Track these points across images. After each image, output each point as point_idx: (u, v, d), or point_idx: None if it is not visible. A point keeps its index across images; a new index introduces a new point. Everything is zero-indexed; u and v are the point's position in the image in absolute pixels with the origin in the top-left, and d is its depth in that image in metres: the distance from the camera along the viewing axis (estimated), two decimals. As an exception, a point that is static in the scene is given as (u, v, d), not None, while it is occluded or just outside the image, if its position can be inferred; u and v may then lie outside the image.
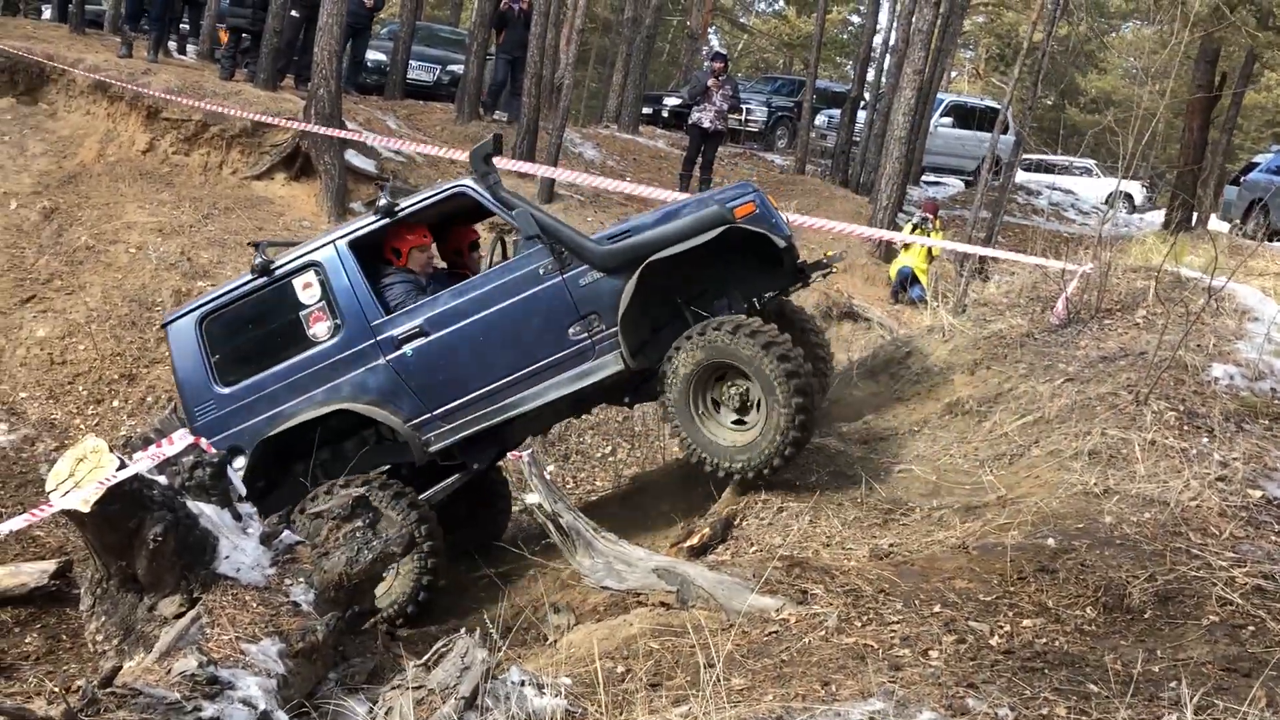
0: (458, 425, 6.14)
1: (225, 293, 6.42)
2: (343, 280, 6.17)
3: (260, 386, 6.23)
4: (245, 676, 3.85)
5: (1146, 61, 8.08)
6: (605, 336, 6.01)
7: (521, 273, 6.07)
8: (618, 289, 5.95)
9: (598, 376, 6.06)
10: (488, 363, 6.08)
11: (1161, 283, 6.87)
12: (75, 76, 12.22)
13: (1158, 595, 4.28)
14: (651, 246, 5.96)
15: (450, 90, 16.99)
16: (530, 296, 6.02)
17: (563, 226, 6.16)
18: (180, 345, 6.38)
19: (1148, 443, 5.42)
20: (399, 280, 6.32)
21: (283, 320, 6.29)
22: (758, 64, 39.39)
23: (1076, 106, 35.33)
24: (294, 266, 6.27)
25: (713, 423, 5.93)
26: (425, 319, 6.11)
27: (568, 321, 6.02)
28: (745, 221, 6.03)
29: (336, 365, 6.17)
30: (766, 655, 4.08)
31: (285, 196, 12.06)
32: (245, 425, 6.22)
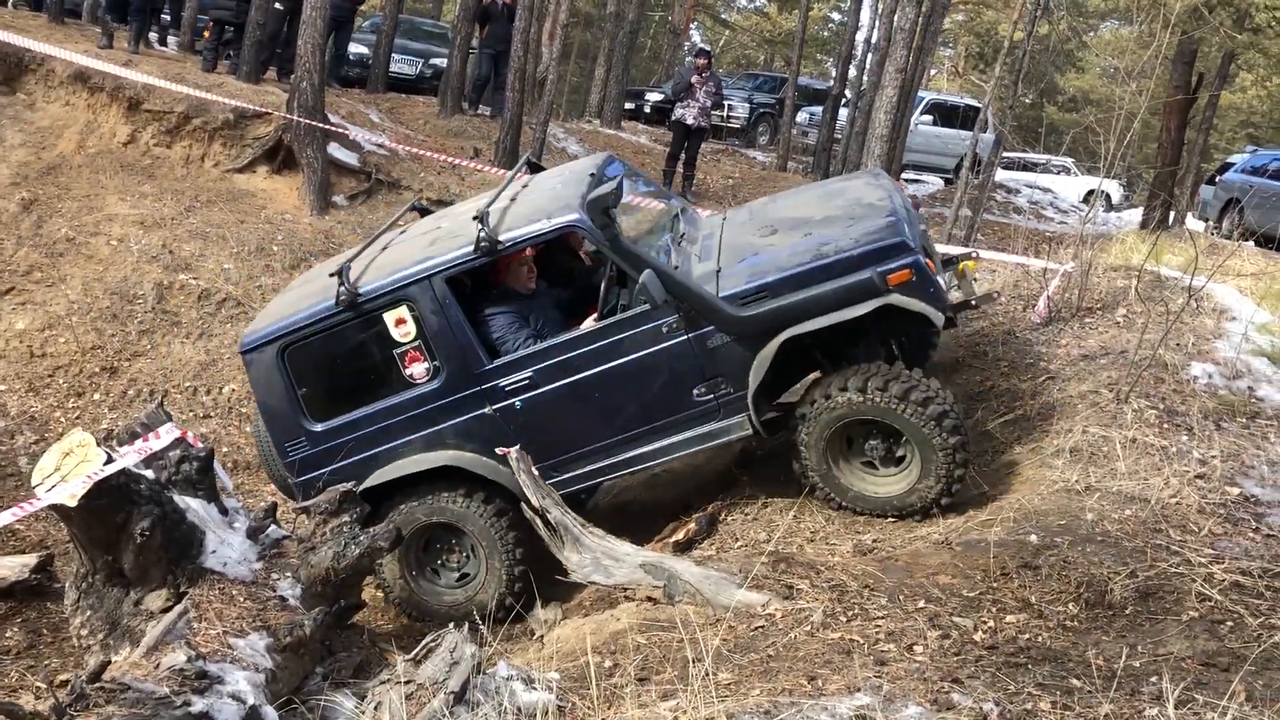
0: (569, 479, 5.79)
1: (309, 321, 5.78)
2: (440, 320, 5.63)
3: (355, 426, 5.81)
4: (233, 671, 3.86)
5: (1126, 62, 8.17)
6: (731, 400, 5.59)
7: (642, 328, 5.56)
8: (749, 356, 5.49)
9: (725, 439, 5.71)
10: (603, 419, 5.70)
11: (1142, 282, 6.94)
12: (55, 66, 12.11)
13: (1138, 591, 4.34)
14: (791, 317, 5.43)
15: (433, 84, 16.94)
16: (651, 354, 5.56)
17: (691, 286, 5.55)
18: (262, 375, 5.89)
19: (1128, 440, 5.49)
20: (499, 313, 5.82)
21: (376, 357, 5.78)
22: (739, 60, 39.44)
23: (1055, 105, 35.56)
24: (385, 300, 5.66)
25: (858, 475, 5.58)
26: (535, 370, 5.64)
27: (692, 382, 5.59)
28: (900, 292, 5.40)
29: (437, 411, 5.73)
30: (753, 650, 4.11)
31: (267, 190, 12.00)
32: (342, 465, 5.81)
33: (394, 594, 5.97)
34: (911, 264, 5.43)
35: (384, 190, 12.52)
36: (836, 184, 7.10)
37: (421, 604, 5.95)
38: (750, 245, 5.95)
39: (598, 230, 5.50)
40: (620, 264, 5.55)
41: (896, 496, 5.46)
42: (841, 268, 5.46)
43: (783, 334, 5.42)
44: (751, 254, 5.82)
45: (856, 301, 5.39)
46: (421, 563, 5.97)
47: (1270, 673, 3.70)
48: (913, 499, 5.41)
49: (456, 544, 5.95)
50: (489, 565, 5.80)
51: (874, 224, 5.72)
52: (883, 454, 5.52)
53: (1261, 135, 28.52)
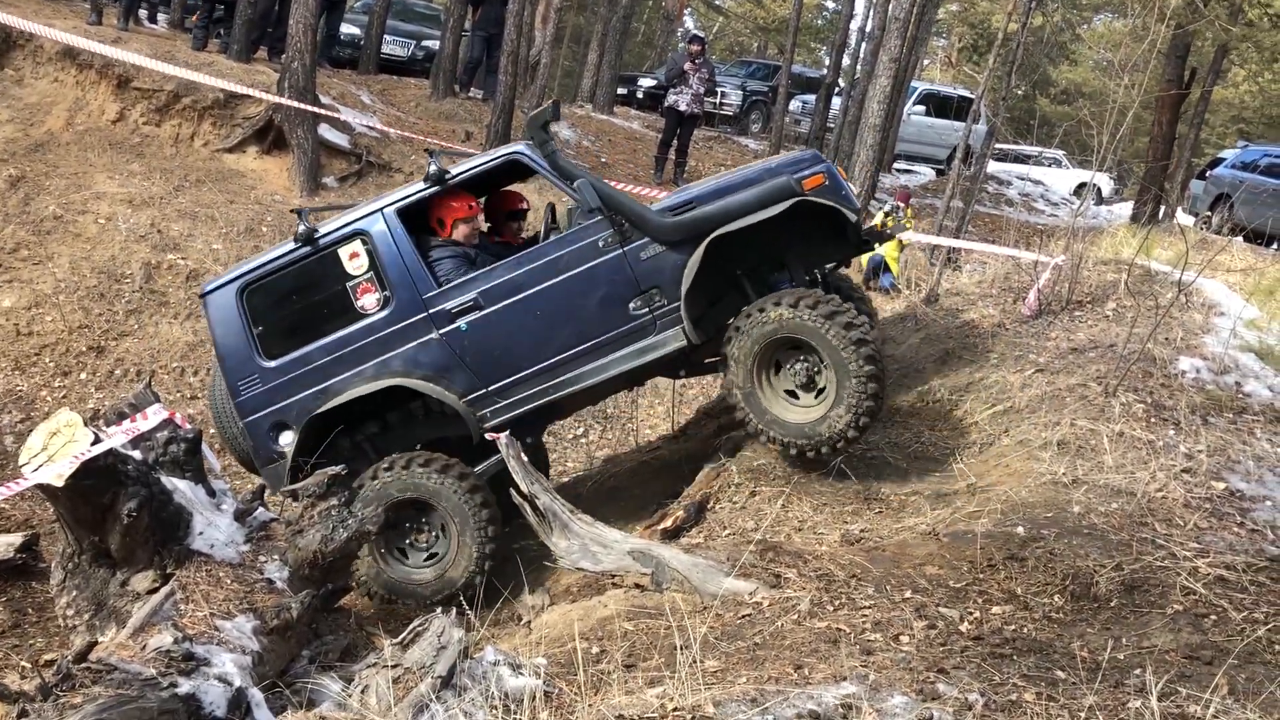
0: (515, 401, 5.94)
1: (267, 261, 6.10)
2: (392, 250, 5.92)
3: (307, 360, 5.98)
4: (220, 653, 3.85)
5: (1120, 55, 8.16)
6: (666, 311, 5.82)
7: (580, 245, 5.84)
8: (681, 263, 5.75)
9: (660, 353, 5.88)
10: (546, 337, 5.89)
11: (1131, 276, 6.96)
12: (43, 43, 12.00)
13: (1124, 584, 4.37)
14: (717, 220, 5.74)
15: (425, 66, 16.86)
16: (589, 269, 5.82)
17: (624, 198, 5.92)
18: (220, 315, 6.07)
19: (1116, 434, 5.52)
20: (448, 254, 6.07)
21: (329, 291, 6.03)
22: (732, 47, 39.31)
23: (1047, 97, 35.56)
24: (340, 235, 5.99)
25: (780, 401, 5.76)
26: (479, 292, 5.89)
27: (629, 296, 5.83)
28: (815, 194, 5.80)
29: (387, 339, 5.93)
30: (740, 638, 4.12)
31: (257, 170, 11.93)
32: (292, 400, 5.98)
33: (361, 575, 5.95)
34: (824, 170, 5.94)
35: (374, 172, 12.47)
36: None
37: (391, 584, 5.95)
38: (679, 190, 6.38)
39: (538, 153, 5.84)
40: (556, 179, 5.86)
41: (809, 424, 5.62)
42: (762, 176, 5.97)
43: (712, 234, 5.70)
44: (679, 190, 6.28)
45: (775, 201, 5.75)
46: (390, 542, 5.98)
47: (1253, 666, 3.73)
48: (822, 428, 5.57)
49: (426, 522, 5.97)
50: (460, 542, 5.82)
51: (790, 156, 6.42)
52: (804, 381, 5.72)
53: (1252, 130, 28.60)
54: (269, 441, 6.03)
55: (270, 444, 6.03)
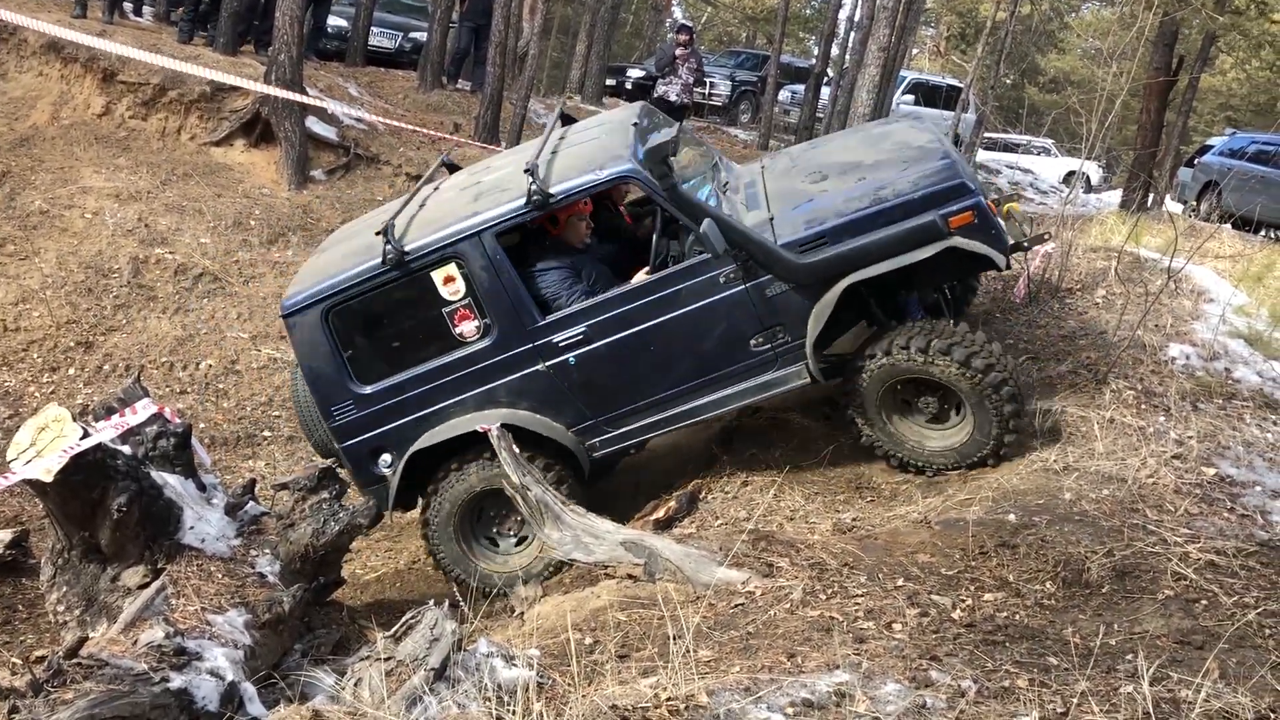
0: (625, 432, 5.75)
1: (353, 281, 5.64)
2: (490, 277, 5.52)
3: (404, 388, 5.70)
4: (212, 647, 3.84)
5: (1109, 43, 8.17)
6: (790, 348, 5.53)
7: (699, 280, 5.48)
8: (808, 303, 5.43)
9: (782, 389, 5.65)
10: (660, 372, 5.63)
11: (1121, 263, 6.97)
12: (27, 35, 11.92)
13: (1115, 570, 4.38)
14: (853, 263, 5.35)
15: (412, 58, 16.78)
16: (709, 305, 5.48)
17: (751, 235, 5.46)
18: (306, 337, 5.72)
19: (1106, 420, 5.53)
20: (552, 269, 5.72)
21: (424, 316, 5.66)
22: (721, 37, 39.26)
23: (1036, 86, 35.61)
24: (433, 258, 5.54)
25: (913, 430, 5.60)
26: (589, 325, 5.56)
27: (750, 332, 5.53)
28: (962, 234, 5.31)
29: (489, 369, 5.64)
30: (733, 627, 4.12)
31: (245, 163, 11.87)
32: (390, 427, 5.75)
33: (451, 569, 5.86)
34: (973, 205, 5.36)
35: (363, 165, 12.42)
36: (878, 128, 7.01)
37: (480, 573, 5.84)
38: (801, 192, 5.83)
39: (654, 180, 5.41)
40: (678, 215, 5.47)
41: (948, 449, 5.50)
42: (903, 211, 5.38)
43: (845, 280, 5.35)
44: (805, 200, 5.71)
45: (919, 245, 5.31)
46: (476, 532, 5.91)
47: (1244, 650, 3.74)
48: (960, 453, 5.46)
49: (508, 511, 5.84)
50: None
51: (930, 166, 5.64)
52: (936, 411, 5.55)
53: (1240, 118, 28.67)
54: (369, 465, 5.82)
55: (370, 468, 5.82)
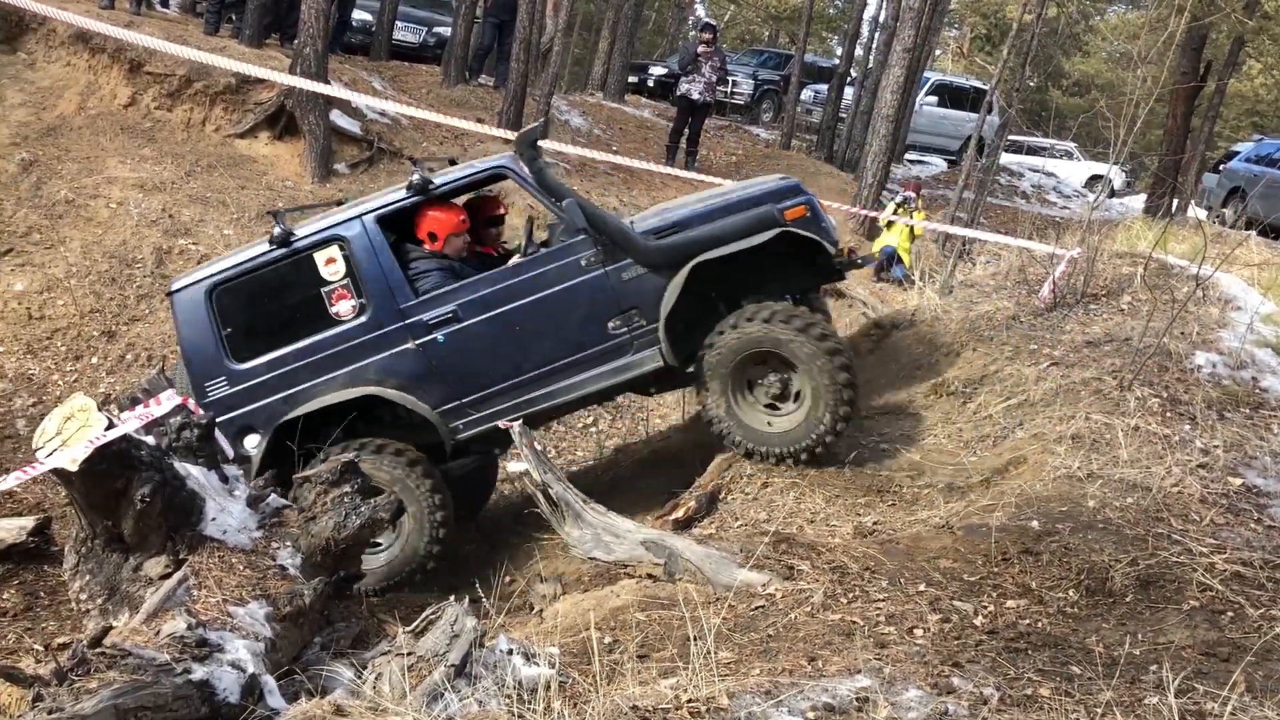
0: (489, 414, 5.96)
1: (239, 263, 6.06)
2: (371, 258, 5.90)
3: (277, 364, 5.95)
4: (233, 639, 3.84)
5: (1139, 47, 8.09)
6: (644, 332, 5.89)
7: (562, 263, 5.89)
8: (662, 286, 5.83)
9: (637, 372, 5.96)
10: (524, 353, 5.92)
11: (1148, 269, 6.91)
12: (56, 26, 11.99)
13: (1139, 579, 4.35)
14: (701, 246, 5.84)
15: (436, 53, 16.81)
16: (570, 287, 5.86)
17: (610, 219, 5.98)
18: (187, 315, 6.03)
19: (1131, 428, 5.48)
20: (434, 268, 6.04)
21: (302, 296, 5.99)
22: (743, 36, 39.17)
23: (1059, 89, 35.40)
24: (316, 239, 5.96)
25: (755, 411, 5.87)
26: (459, 305, 5.89)
27: (608, 315, 5.89)
28: (797, 225, 5.91)
29: (361, 347, 5.92)
30: (753, 630, 4.11)
31: (269, 156, 11.92)
32: (260, 404, 5.95)
33: None
34: (807, 202, 6.07)
35: (385, 159, 12.46)
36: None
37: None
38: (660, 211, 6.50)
39: (524, 166, 5.89)
40: (543, 198, 5.94)
41: (788, 432, 5.78)
42: (745, 205, 6.05)
43: (694, 261, 5.79)
44: (660, 211, 6.39)
45: (759, 231, 5.86)
46: None
47: (1270, 664, 3.70)
48: (802, 434, 5.72)
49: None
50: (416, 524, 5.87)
51: (772, 181, 6.46)
52: (778, 392, 5.85)
53: (1267, 124, 28.44)
54: (236, 445, 5.96)
55: (238, 448, 5.96)
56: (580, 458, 9.27)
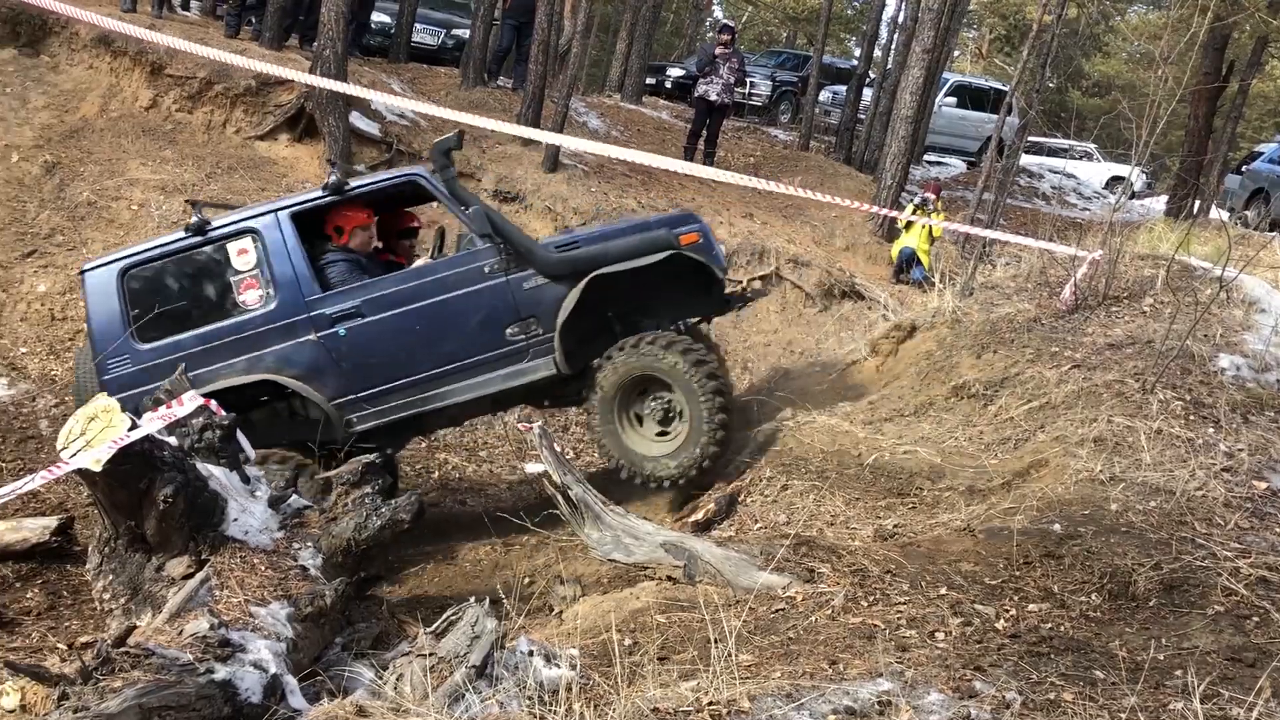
0: (383, 409, 6.19)
1: (153, 247, 6.32)
2: (281, 251, 6.14)
3: (180, 347, 6.13)
4: (255, 639, 3.86)
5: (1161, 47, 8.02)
6: (540, 341, 6.20)
7: (466, 268, 6.18)
8: (560, 297, 6.16)
9: (529, 379, 6.24)
10: (422, 352, 6.15)
11: (1170, 271, 6.86)
12: (78, 29, 12.07)
13: (1163, 584, 4.31)
14: (598, 261, 6.20)
15: (455, 55, 16.84)
16: (472, 292, 6.14)
17: (515, 230, 6.31)
18: (97, 295, 6.22)
19: (1154, 431, 5.44)
20: (341, 259, 6.31)
21: (212, 284, 6.23)
22: (761, 37, 39.12)
23: (1079, 90, 35.22)
24: (231, 230, 6.22)
25: (636, 434, 6.30)
26: (363, 300, 6.14)
27: (506, 321, 6.18)
28: (689, 250, 6.32)
29: (264, 335, 6.12)
30: (774, 632, 4.10)
31: (288, 157, 11.96)
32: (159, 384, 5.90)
33: None
34: (700, 229, 6.50)
35: (405, 160, 12.47)
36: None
37: None
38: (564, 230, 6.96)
39: (436, 174, 6.16)
40: (451, 204, 6.22)
41: (666, 456, 6.20)
42: (642, 227, 6.55)
43: (592, 273, 6.14)
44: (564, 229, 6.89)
45: (654, 251, 6.26)
46: None
47: (1296, 669, 3.67)
48: (679, 458, 6.15)
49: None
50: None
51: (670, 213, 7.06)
52: (661, 416, 6.25)
53: (1289, 125, 28.20)
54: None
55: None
56: (597, 460, 9.26)
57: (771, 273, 12.14)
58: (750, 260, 12.25)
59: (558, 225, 12.26)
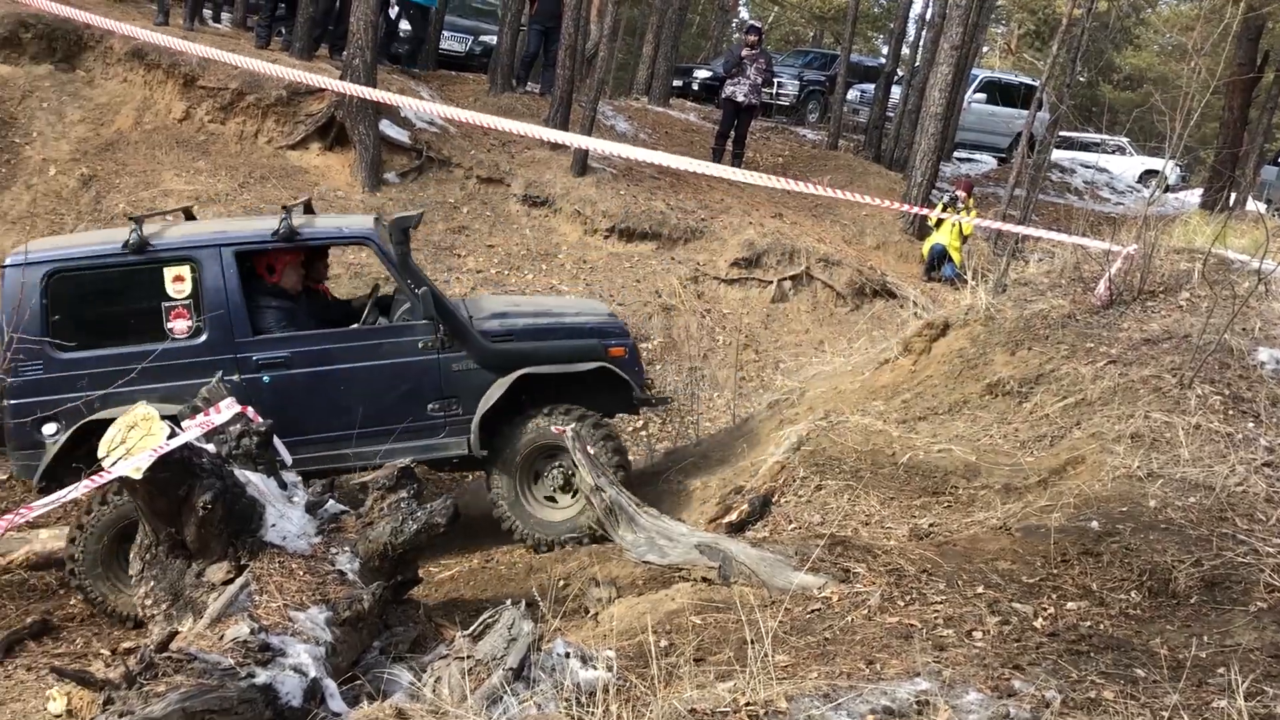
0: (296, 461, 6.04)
1: (85, 254, 6.15)
2: (219, 286, 6.08)
3: (98, 363, 5.98)
4: (295, 644, 3.89)
5: (1195, 38, 7.92)
6: (459, 421, 6.43)
7: (400, 340, 6.35)
8: (485, 384, 6.44)
9: (443, 454, 6.50)
10: (342, 411, 6.21)
11: (1207, 265, 6.78)
12: (113, 44, 12.24)
13: (1204, 580, 4.26)
14: (529, 360, 6.54)
15: (482, 61, 16.91)
16: (402, 364, 6.30)
17: (457, 315, 6.51)
18: (13, 292, 5.96)
19: (1192, 426, 5.38)
20: (275, 306, 6.35)
21: (142, 304, 6.08)
22: (787, 37, 39.03)
23: (1110, 84, 34.88)
24: (171, 255, 6.10)
25: (535, 500, 6.64)
26: (293, 352, 6.20)
27: (430, 397, 6.36)
28: (616, 364, 6.74)
29: (186, 368, 5.99)
30: (809, 633, 4.09)
31: (320, 166, 12.08)
32: (69, 396, 5.94)
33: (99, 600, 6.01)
34: (627, 345, 6.96)
35: (435, 167, 12.57)
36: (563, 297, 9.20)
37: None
38: (497, 310, 7.03)
39: (390, 245, 6.32)
40: (401, 281, 6.32)
41: (568, 520, 6.54)
42: (577, 333, 6.87)
43: (521, 370, 6.48)
44: (501, 314, 6.92)
45: (583, 359, 6.69)
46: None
47: (1343, 666, 3.61)
48: (581, 520, 6.44)
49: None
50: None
51: (602, 316, 7.33)
52: (561, 484, 6.63)
53: (1326, 114, 27.75)
54: (31, 429, 5.98)
55: (31, 431, 5.98)
56: (630, 460, 9.27)
57: (802, 272, 12.12)
58: (780, 260, 12.22)
59: (587, 228, 12.30)
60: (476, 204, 12.36)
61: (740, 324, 11.48)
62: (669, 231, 12.42)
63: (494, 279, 11.23)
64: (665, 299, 11.46)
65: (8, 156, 11.19)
